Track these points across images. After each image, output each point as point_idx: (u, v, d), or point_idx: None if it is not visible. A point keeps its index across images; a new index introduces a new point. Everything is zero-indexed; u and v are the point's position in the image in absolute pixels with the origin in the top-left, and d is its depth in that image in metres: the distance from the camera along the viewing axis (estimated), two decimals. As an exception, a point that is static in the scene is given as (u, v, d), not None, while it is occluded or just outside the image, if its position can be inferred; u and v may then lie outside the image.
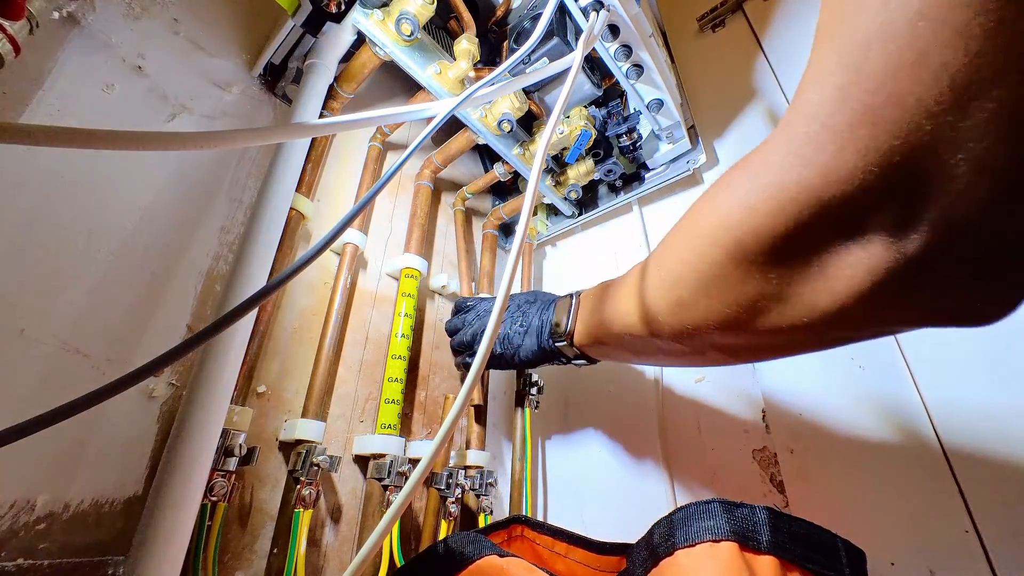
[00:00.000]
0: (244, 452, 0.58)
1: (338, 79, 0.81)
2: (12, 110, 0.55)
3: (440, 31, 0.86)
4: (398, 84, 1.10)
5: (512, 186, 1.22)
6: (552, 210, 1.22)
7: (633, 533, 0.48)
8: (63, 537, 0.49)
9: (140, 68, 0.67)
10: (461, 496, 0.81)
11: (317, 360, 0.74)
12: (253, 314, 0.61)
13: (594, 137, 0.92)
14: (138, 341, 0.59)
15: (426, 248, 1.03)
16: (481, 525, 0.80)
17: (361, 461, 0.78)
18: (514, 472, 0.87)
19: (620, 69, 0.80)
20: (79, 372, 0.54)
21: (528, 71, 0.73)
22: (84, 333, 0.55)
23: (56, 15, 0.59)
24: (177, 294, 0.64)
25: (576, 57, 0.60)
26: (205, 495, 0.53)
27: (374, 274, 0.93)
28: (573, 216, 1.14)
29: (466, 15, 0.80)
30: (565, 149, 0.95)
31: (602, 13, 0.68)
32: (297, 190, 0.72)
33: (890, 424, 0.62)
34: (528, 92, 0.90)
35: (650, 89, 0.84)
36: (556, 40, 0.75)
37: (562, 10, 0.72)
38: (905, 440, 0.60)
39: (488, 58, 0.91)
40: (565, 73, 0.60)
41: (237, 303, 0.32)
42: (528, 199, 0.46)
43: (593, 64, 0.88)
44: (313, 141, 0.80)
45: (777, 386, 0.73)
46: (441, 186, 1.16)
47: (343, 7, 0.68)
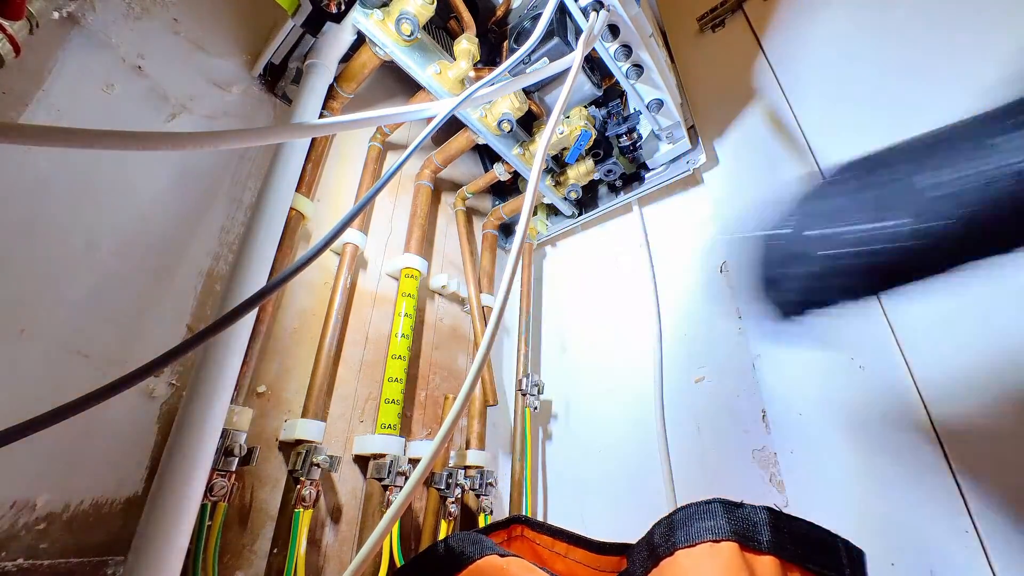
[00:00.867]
0: (244, 452, 0.58)
1: (338, 79, 0.81)
2: (12, 110, 0.55)
3: (440, 31, 0.86)
4: (398, 84, 1.10)
5: (512, 186, 1.22)
6: (552, 210, 1.22)
7: (633, 533, 0.48)
8: (63, 537, 0.49)
9: (140, 68, 0.67)
10: (461, 496, 0.81)
11: (317, 360, 0.74)
12: (253, 314, 0.61)
13: (594, 137, 0.93)
14: (138, 341, 0.59)
15: (426, 248, 1.03)
16: (481, 525, 0.80)
17: (361, 461, 0.78)
18: (514, 472, 0.87)
19: (620, 69, 0.80)
20: (79, 372, 0.54)
21: (528, 71, 0.73)
22: (84, 333, 0.55)
23: (56, 15, 0.59)
24: (177, 294, 0.64)
25: (576, 57, 0.60)
26: (205, 495, 0.53)
27: (374, 274, 0.93)
28: (573, 216, 1.14)
29: (466, 15, 0.80)
30: (565, 149, 0.95)
31: (602, 13, 0.68)
32: (297, 190, 0.72)
33: (890, 424, 0.62)
34: (528, 92, 0.90)
35: (650, 89, 0.84)
36: (556, 40, 0.75)
37: (562, 10, 0.72)
38: (905, 440, 0.60)
39: (488, 58, 0.91)
40: (565, 73, 0.60)
41: (237, 303, 0.32)
42: (528, 199, 0.46)
43: (593, 64, 0.88)
44: (313, 141, 0.80)
45: (777, 386, 0.73)
46: (441, 186, 1.16)
47: (343, 7, 0.68)
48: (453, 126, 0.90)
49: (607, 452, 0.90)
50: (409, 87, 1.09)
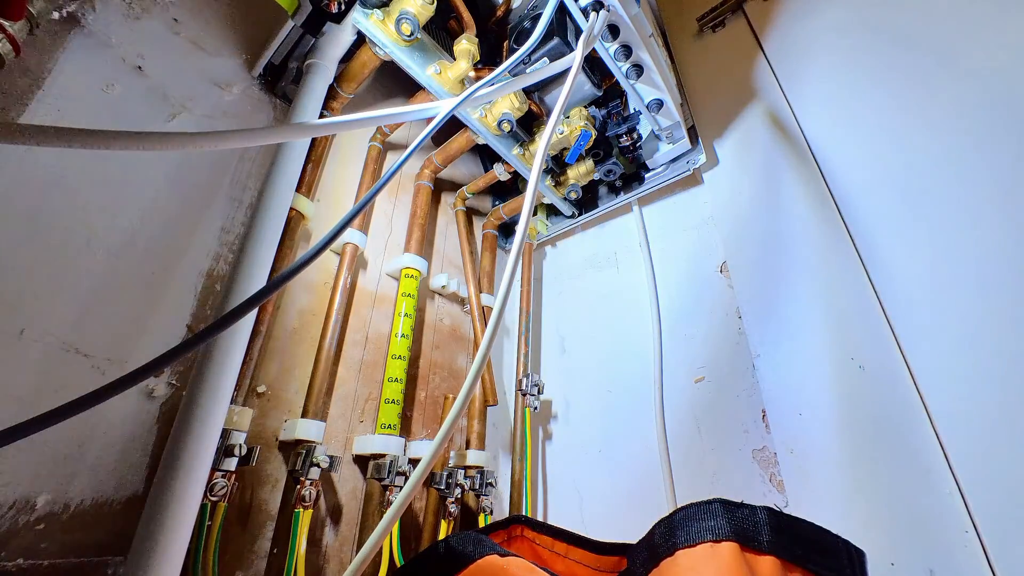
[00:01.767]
0: (244, 452, 0.58)
1: (338, 79, 0.81)
2: (12, 110, 0.55)
3: (440, 31, 0.86)
4: (398, 84, 1.10)
5: (512, 186, 1.22)
6: (552, 210, 1.22)
7: (633, 533, 0.48)
8: (63, 537, 0.49)
9: (140, 68, 0.67)
10: (461, 496, 0.81)
11: (317, 360, 0.74)
12: (253, 314, 0.61)
13: (594, 137, 0.92)
14: (138, 341, 0.59)
15: (426, 248, 1.03)
16: (481, 525, 0.80)
17: (361, 461, 0.78)
18: (514, 472, 0.87)
19: (620, 69, 0.80)
20: (79, 372, 0.54)
21: (528, 71, 0.73)
22: (84, 333, 0.55)
23: (56, 15, 0.60)
24: (177, 294, 0.64)
25: (576, 57, 0.60)
26: (205, 495, 0.53)
27: (374, 274, 0.93)
28: (573, 216, 1.14)
29: (466, 15, 0.80)
30: (565, 149, 0.95)
31: (602, 13, 0.68)
32: (297, 190, 0.72)
33: (890, 424, 0.62)
34: (528, 92, 0.90)
35: (650, 89, 0.84)
36: (556, 40, 0.75)
37: (562, 10, 0.72)
38: (905, 440, 0.60)
39: (488, 58, 0.91)
40: (565, 73, 0.60)
41: (237, 303, 0.32)
42: (528, 199, 0.46)
43: (593, 64, 0.88)
44: (313, 141, 0.80)
45: (777, 386, 0.73)
46: (441, 186, 1.16)
47: (343, 7, 0.68)
48: (453, 126, 0.90)
49: (607, 452, 0.90)
50: (409, 87, 1.09)
